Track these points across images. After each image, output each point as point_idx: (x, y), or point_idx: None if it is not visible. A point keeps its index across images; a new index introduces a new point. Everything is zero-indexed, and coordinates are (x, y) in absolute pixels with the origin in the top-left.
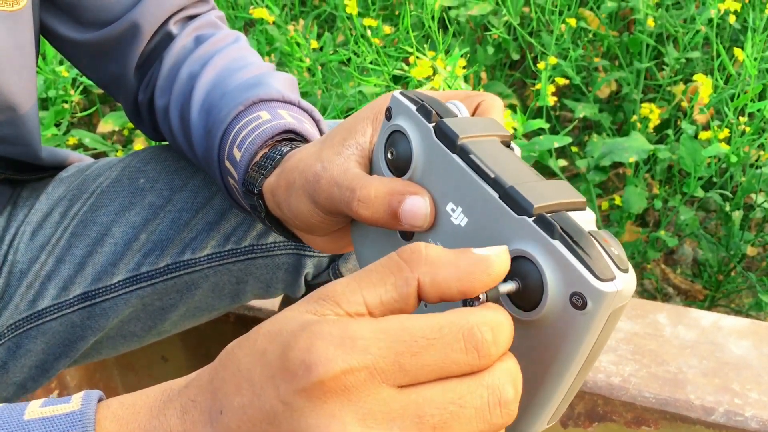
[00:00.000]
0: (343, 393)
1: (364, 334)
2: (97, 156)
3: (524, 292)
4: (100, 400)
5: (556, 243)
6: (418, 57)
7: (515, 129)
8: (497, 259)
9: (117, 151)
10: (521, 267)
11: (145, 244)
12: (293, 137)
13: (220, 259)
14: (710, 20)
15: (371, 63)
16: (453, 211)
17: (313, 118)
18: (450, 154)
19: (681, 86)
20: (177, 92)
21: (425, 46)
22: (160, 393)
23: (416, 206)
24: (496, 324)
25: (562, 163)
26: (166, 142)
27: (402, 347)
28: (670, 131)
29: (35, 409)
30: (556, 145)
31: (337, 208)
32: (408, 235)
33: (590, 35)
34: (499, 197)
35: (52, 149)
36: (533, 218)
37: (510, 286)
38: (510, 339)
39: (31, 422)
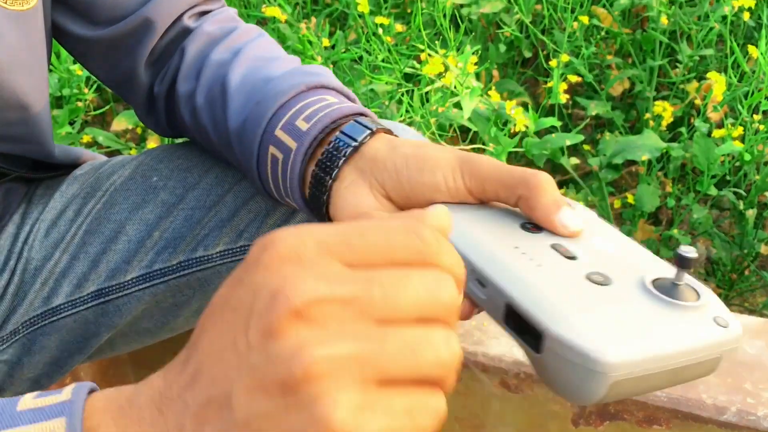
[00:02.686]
0: (293, 259)
1: (317, 225)
2: (110, 154)
3: None
4: (92, 391)
5: None
6: (429, 54)
7: (527, 127)
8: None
9: (131, 149)
10: None
11: (158, 241)
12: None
13: (233, 255)
14: (724, 17)
15: (383, 61)
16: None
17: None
18: None
19: (694, 84)
20: (206, 77)
21: (437, 43)
22: (157, 378)
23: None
24: (437, 226)
25: (575, 161)
26: (177, 140)
27: (349, 230)
28: (683, 129)
29: (29, 400)
30: (568, 143)
31: (462, 191)
32: (533, 230)
33: (603, 33)
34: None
35: (65, 147)
36: None
37: None
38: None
39: (23, 413)
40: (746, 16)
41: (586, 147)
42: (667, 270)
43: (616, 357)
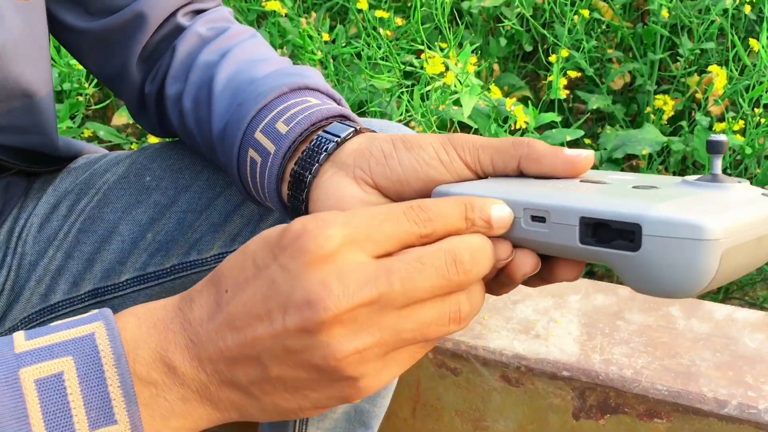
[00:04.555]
0: (329, 258)
1: (342, 216)
2: (111, 149)
3: None
4: None
5: None
6: (429, 56)
7: (527, 123)
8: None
9: (131, 143)
10: None
11: (151, 243)
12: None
13: None
14: (725, 11)
15: (382, 58)
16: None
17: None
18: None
19: (695, 77)
20: (193, 79)
21: (438, 40)
22: (173, 297)
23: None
24: (431, 204)
25: None
26: (169, 139)
27: (368, 221)
28: (684, 123)
29: (58, 322)
30: (569, 138)
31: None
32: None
33: (604, 26)
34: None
35: (68, 140)
36: None
37: None
38: (448, 214)
39: (58, 325)
40: (747, 9)
41: (587, 141)
42: (687, 177)
43: (722, 223)
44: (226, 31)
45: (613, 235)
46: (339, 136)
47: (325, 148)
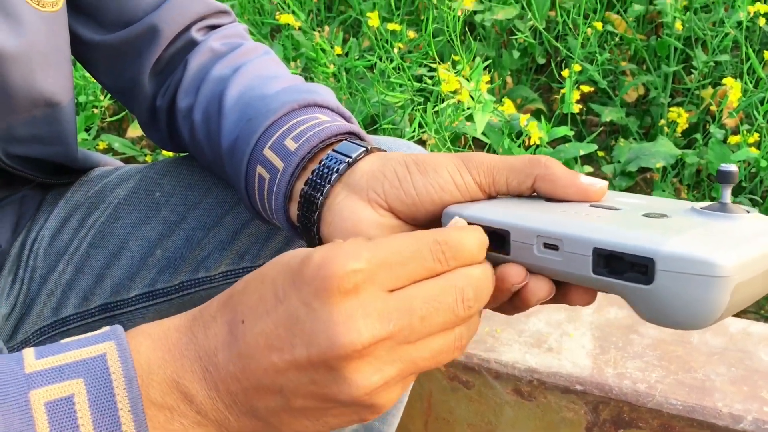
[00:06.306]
0: (350, 295)
1: (367, 249)
2: (126, 160)
3: None
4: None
5: None
6: (444, 75)
7: (540, 138)
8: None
9: (146, 155)
10: None
11: (159, 260)
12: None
13: (236, 276)
14: (739, 23)
15: (394, 69)
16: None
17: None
18: None
19: (710, 90)
20: (204, 93)
21: (451, 51)
22: (185, 316)
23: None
24: (455, 241)
25: (588, 168)
26: (179, 154)
27: (392, 258)
28: (698, 135)
29: (69, 339)
30: (582, 152)
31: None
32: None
33: (617, 39)
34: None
35: (86, 152)
36: None
37: None
38: (470, 251)
39: (69, 343)
40: (762, 21)
41: (601, 153)
42: (695, 204)
43: (733, 259)
44: (239, 47)
45: (626, 267)
46: (350, 157)
47: (336, 168)
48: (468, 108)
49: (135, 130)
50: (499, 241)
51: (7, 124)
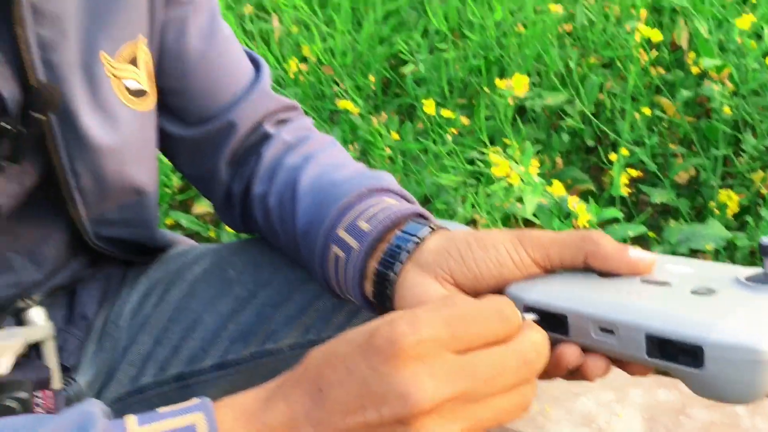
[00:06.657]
0: (418, 359)
1: (429, 315)
2: (190, 236)
3: None
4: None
5: None
6: (495, 160)
7: (589, 221)
8: None
9: (209, 230)
10: None
11: (232, 333)
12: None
13: (301, 348)
14: None
15: (448, 153)
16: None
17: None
18: None
19: (760, 173)
20: (279, 180)
21: (502, 134)
22: (261, 390)
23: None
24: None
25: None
26: (252, 236)
27: (455, 321)
28: (749, 218)
29: (162, 408)
30: (632, 234)
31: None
32: (611, 276)
33: (666, 122)
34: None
35: (162, 231)
36: None
37: None
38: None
39: (163, 413)
40: None
41: (651, 234)
42: (741, 272)
43: None
44: (308, 138)
45: (678, 352)
46: (418, 236)
47: (407, 248)
48: (518, 189)
49: (200, 207)
50: (558, 323)
51: (100, 210)
